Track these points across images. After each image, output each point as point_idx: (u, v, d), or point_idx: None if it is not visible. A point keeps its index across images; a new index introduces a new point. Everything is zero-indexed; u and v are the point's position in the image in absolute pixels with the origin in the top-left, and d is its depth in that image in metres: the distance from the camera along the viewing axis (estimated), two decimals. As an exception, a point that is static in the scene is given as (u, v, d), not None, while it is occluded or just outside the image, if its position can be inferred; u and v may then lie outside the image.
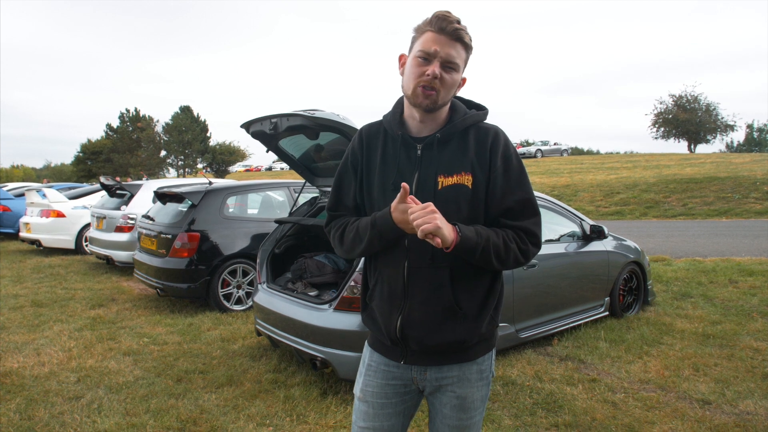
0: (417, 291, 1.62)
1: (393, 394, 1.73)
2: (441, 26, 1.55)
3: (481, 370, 1.72)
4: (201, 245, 6.13)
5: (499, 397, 3.74)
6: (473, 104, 1.77)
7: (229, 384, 4.05)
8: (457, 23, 1.55)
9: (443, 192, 1.60)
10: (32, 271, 9.04)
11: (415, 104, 1.61)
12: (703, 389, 3.78)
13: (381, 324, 1.70)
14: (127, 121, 59.34)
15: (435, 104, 1.59)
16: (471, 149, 1.64)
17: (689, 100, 45.92)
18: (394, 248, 1.64)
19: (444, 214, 1.55)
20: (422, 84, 1.56)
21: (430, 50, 1.55)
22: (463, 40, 1.57)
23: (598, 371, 4.18)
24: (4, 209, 13.34)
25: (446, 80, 1.56)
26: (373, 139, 1.74)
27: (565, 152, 44.03)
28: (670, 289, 6.70)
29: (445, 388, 1.70)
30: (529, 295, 4.59)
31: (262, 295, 4.47)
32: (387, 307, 1.68)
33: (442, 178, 1.61)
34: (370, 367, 1.77)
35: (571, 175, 25.57)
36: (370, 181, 1.71)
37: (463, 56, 1.60)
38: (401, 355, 1.70)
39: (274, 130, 4.14)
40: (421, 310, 1.62)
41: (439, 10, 1.58)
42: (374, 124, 1.79)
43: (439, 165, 1.62)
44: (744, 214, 15.03)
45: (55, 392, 3.92)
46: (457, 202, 1.60)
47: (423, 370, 1.69)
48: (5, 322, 5.80)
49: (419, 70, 1.57)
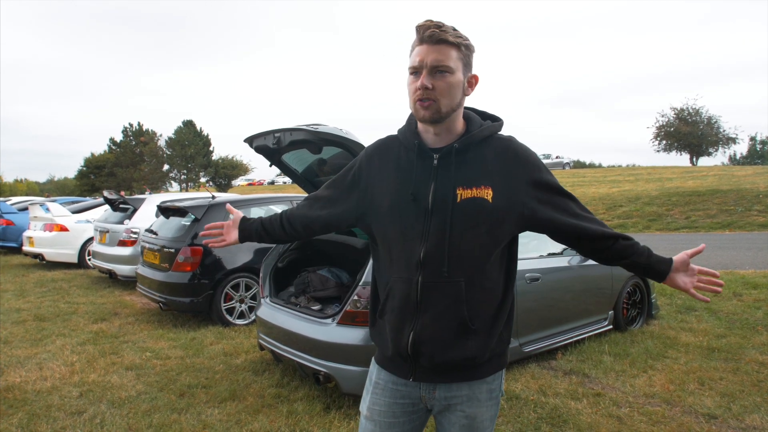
0: (431, 306, 1.58)
1: (401, 413, 1.69)
2: (421, 36, 1.52)
3: (491, 390, 1.68)
4: (204, 259, 6.13)
5: (503, 411, 3.72)
6: (488, 115, 1.74)
7: (232, 399, 4.03)
8: (435, 27, 1.51)
9: (462, 205, 1.55)
10: (35, 285, 9.04)
11: (420, 120, 1.59)
12: (709, 403, 3.76)
13: (391, 339, 1.66)
14: (130, 135, 59.70)
15: (438, 113, 1.54)
16: (490, 161, 1.59)
17: (691, 113, 46.05)
18: (408, 262, 1.59)
19: (461, 227, 1.54)
20: (416, 99, 1.54)
21: (416, 63, 1.53)
22: (446, 41, 1.51)
23: (603, 385, 4.15)
24: (8, 223, 13.37)
25: (440, 86, 1.52)
26: (386, 153, 1.70)
27: (567, 165, 44.12)
28: (674, 303, 6.67)
29: (454, 407, 1.66)
30: (533, 309, 4.58)
31: (265, 310, 4.47)
32: (398, 322, 1.63)
33: (461, 190, 1.56)
34: (378, 385, 1.73)
35: (573, 188, 25.58)
36: (382, 192, 1.65)
37: (454, 55, 1.53)
38: (410, 372, 1.65)
39: (277, 144, 4.16)
40: (434, 325, 1.58)
41: (419, 22, 1.55)
42: (384, 139, 1.75)
43: (458, 176, 1.57)
44: (747, 227, 15.00)
45: (57, 407, 3.91)
46: (476, 217, 1.55)
47: (432, 388, 1.65)
48: (8, 336, 5.79)
49: (412, 86, 1.55)
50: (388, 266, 1.66)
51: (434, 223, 1.56)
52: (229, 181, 61.15)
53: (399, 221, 1.60)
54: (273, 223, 1.85)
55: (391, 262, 1.64)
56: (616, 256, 1.67)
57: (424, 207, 1.57)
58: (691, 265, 1.66)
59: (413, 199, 1.58)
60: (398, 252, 1.61)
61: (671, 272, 1.66)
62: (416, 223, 1.58)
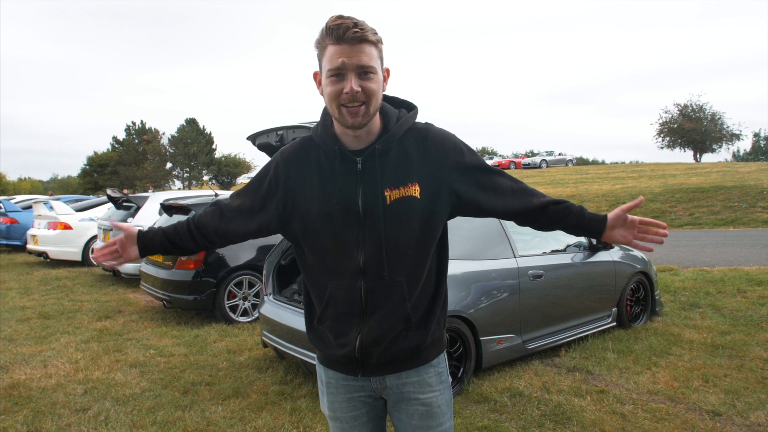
0: (376, 309, 1.56)
1: (361, 405, 1.70)
2: (338, 35, 1.43)
3: (439, 373, 1.68)
4: (207, 257, 6.14)
5: (506, 408, 3.72)
6: (400, 102, 1.66)
7: (236, 396, 4.04)
8: (353, 26, 1.42)
9: (393, 207, 1.51)
10: (39, 283, 9.08)
11: (347, 126, 1.50)
12: (713, 400, 3.75)
13: (337, 345, 1.64)
14: (133, 133, 59.83)
15: (367, 117, 1.48)
16: (413, 156, 1.55)
17: (694, 110, 45.87)
18: (347, 270, 1.55)
19: (395, 229, 1.51)
20: (343, 103, 1.46)
21: (338, 65, 1.43)
22: (367, 39, 1.44)
23: (607, 382, 4.15)
24: (12, 222, 13.43)
25: (369, 87, 1.45)
26: (304, 158, 1.61)
27: (570, 162, 43.99)
28: (677, 300, 6.66)
29: (408, 395, 1.65)
30: (536, 306, 4.58)
31: (269, 307, 4.47)
32: (343, 328, 1.61)
33: (389, 191, 1.52)
34: (330, 385, 1.72)
35: (576, 185, 25.54)
36: (307, 201, 1.57)
37: (375, 54, 1.47)
38: (358, 370, 1.65)
39: (280, 142, 4.17)
40: (380, 326, 1.57)
41: (330, 18, 1.46)
42: (299, 143, 1.65)
43: (384, 178, 1.53)
44: (751, 224, 14.95)
45: (62, 404, 3.93)
46: (408, 215, 1.52)
47: (381, 379, 1.66)
48: (13, 334, 5.82)
49: (335, 89, 1.45)
50: (322, 275, 1.60)
51: (368, 229, 1.52)
52: (231, 179, 61.25)
53: (331, 230, 1.55)
54: (180, 234, 1.69)
55: (326, 271, 1.59)
56: (550, 222, 1.66)
57: (355, 214, 1.53)
58: (631, 218, 1.61)
59: (344, 208, 1.53)
60: (333, 261, 1.57)
61: (606, 229, 1.63)
62: (349, 231, 1.53)
